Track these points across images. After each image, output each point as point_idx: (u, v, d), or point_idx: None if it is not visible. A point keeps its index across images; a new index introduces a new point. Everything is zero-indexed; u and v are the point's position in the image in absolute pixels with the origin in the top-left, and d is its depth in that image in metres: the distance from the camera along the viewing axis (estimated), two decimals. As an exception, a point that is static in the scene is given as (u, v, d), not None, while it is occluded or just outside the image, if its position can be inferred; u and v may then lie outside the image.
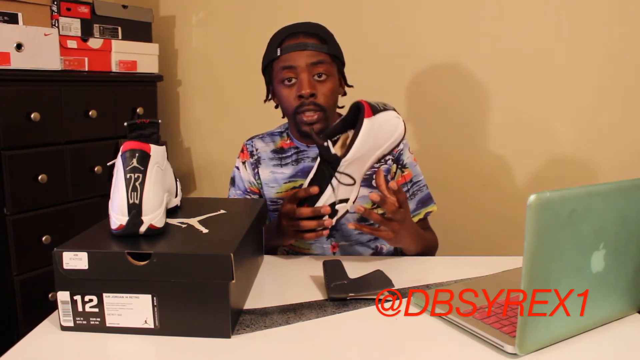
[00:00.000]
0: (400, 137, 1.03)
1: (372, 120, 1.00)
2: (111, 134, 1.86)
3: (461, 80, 1.90)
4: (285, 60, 1.19)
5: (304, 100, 1.18)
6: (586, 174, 1.82)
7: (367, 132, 1.00)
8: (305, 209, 1.03)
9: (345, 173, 1.02)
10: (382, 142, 1.02)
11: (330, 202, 1.03)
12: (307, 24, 1.24)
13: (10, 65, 1.55)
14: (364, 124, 1.00)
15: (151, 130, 0.92)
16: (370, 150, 1.02)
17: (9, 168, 1.55)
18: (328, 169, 1.02)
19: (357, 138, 1.00)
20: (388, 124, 1.02)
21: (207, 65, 2.21)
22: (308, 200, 1.04)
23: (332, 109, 1.23)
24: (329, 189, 1.02)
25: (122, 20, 1.91)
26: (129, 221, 0.81)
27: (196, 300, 0.78)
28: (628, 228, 0.78)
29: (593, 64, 1.76)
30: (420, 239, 1.20)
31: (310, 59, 1.18)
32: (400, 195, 1.05)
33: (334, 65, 1.23)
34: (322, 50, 1.19)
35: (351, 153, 1.00)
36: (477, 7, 1.84)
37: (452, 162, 1.94)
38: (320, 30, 1.23)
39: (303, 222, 1.04)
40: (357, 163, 1.02)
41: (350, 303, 0.91)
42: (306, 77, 1.17)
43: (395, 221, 1.05)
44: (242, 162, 1.34)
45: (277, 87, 1.22)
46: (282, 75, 1.19)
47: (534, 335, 0.72)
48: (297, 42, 1.19)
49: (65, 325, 0.81)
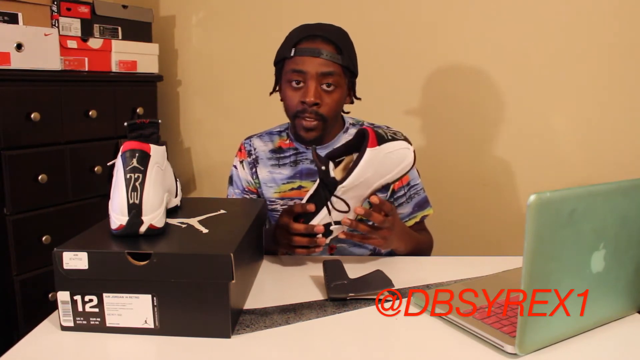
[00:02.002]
0: (407, 168, 1.02)
1: (375, 151, 0.99)
2: (111, 134, 1.86)
3: (461, 81, 1.90)
4: (297, 63, 1.17)
5: (306, 107, 1.17)
6: (586, 174, 1.82)
7: (368, 162, 0.99)
8: (298, 225, 1.03)
9: (342, 199, 1.00)
10: (385, 171, 1.01)
11: (325, 223, 1.02)
12: (329, 27, 1.20)
13: (10, 65, 1.55)
14: (365, 154, 0.98)
15: (151, 130, 0.92)
16: (371, 179, 1.00)
17: (9, 168, 1.55)
18: (325, 191, 1.01)
19: (357, 166, 0.98)
20: (395, 154, 1.00)
21: (207, 65, 2.21)
22: (304, 216, 1.04)
23: (334, 119, 1.22)
24: (324, 210, 1.02)
25: (122, 20, 1.91)
26: (129, 221, 0.81)
27: (196, 300, 0.78)
28: (628, 228, 0.78)
29: (593, 64, 1.76)
30: (412, 240, 1.20)
31: (321, 67, 1.15)
32: (385, 206, 1.04)
33: (344, 77, 1.20)
34: (336, 60, 1.17)
35: (349, 180, 0.99)
36: (476, 9, 1.84)
37: (452, 162, 1.94)
38: (339, 38, 1.19)
39: (296, 237, 1.04)
40: (356, 190, 1.00)
41: (350, 303, 0.91)
42: (313, 85, 1.16)
43: (384, 229, 1.05)
44: (240, 162, 1.34)
45: (284, 86, 1.22)
46: (290, 76, 1.18)
47: (534, 335, 0.72)
48: (312, 47, 1.16)
49: (65, 325, 0.81)
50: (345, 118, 1.32)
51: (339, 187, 0.99)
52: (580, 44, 1.76)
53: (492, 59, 1.85)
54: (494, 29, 1.83)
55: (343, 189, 0.99)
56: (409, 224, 1.29)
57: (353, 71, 1.22)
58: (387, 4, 1.93)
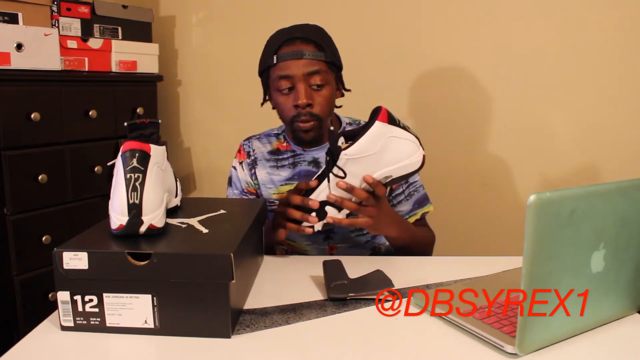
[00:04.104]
0: (415, 167, 1.01)
1: (384, 127, 0.99)
2: (111, 134, 1.86)
3: (461, 80, 1.89)
4: (282, 69, 1.17)
5: (300, 110, 1.17)
6: (586, 174, 1.82)
7: (375, 135, 0.99)
8: (295, 196, 1.05)
9: (342, 169, 1.01)
10: (391, 159, 1.00)
11: (323, 198, 1.03)
12: (304, 28, 1.21)
13: (10, 65, 1.55)
14: (374, 125, 0.99)
15: (151, 130, 0.92)
16: (375, 159, 1.00)
17: (9, 168, 1.55)
18: (330, 163, 1.02)
19: (364, 136, 0.99)
20: (402, 143, 1.00)
21: (207, 65, 2.21)
22: (306, 193, 1.05)
23: (328, 115, 1.22)
24: (324, 183, 1.03)
25: (122, 20, 1.91)
26: (129, 221, 0.81)
27: (196, 300, 0.78)
28: (628, 228, 0.78)
29: (593, 64, 1.76)
30: (405, 228, 1.18)
31: (306, 68, 1.16)
32: (378, 188, 1.02)
33: (330, 73, 1.21)
34: (319, 58, 1.17)
35: (352, 149, 1.00)
36: (477, 8, 1.84)
37: (451, 162, 1.94)
38: (317, 36, 1.20)
39: (290, 209, 1.05)
40: (358, 165, 1.01)
41: (350, 303, 0.91)
42: (303, 86, 1.16)
43: (369, 206, 1.04)
44: (239, 163, 1.34)
45: (274, 95, 1.22)
46: (278, 84, 1.18)
47: (534, 335, 0.72)
48: (293, 50, 1.16)
49: (65, 325, 0.81)
50: (342, 118, 1.32)
51: (342, 155, 1.00)
52: (580, 43, 1.76)
53: (492, 58, 1.85)
54: (494, 28, 1.83)
55: (346, 157, 1.00)
56: (409, 221, 1.28)
57: (338, 65, 1.23)
58: (387, 4, 1.93)
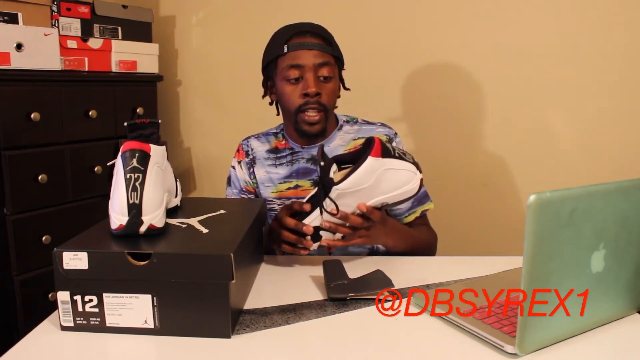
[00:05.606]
0: (410, 194, 1.01)
1: (377, 161, 0.97)
2: (111, 134, 1.86)
3: (460, 80, 1.90)
4: (292, 58, 1.19)
5: (308, 99, 1.18)
6: (586, 174, 1.82)
7: (367, 170, 0.97)
8: (289, 220, 1.04)
9: (334, 202, 0.99)
10: (385, 189, 0.99)
11: (316, 225, 1.02)
12: (311, 24, 1.25)
13: (10, 65, 1.55)
14: (366, 161, 0.97)
15: (151, 130, 0.92)
16: (369, 190, 0.99)
17: (9, 168, 1.55)
18: (322, 192, 1.00)
19: (355, 172, 0.97)
20: (398, 174, 0.99)
21: (207, 65, 2.21)
22: (299, 215, 1.04)
23: (332, 110, 1.24)
24: (317, 211, 1.02)
25: (122, 20, 1.91)
26: (129, 221, 0.81)
27: (196, 300, 0.78)
28: (628, 228, 0.78)
29: (593, 64, 1.76)
30: (405, 237, 1.19)
31: (316, 59, 1.19)
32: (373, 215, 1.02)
33: (336, 67, 1.25)
34: (328, 51, 1.21)
35: (344, 184, 0.98)
36: (475, 7, 1.84)
37: (451, 162, 1.94)
38: (323, 32, 1.24)
39: (285, 232, 1.05)
40: (350, 198, 0.99)
41: (350, 303, 0.91)
42: (312, 76, 1.19)
43: (361, 229, 1.05)
44: (238, 162, 1.35)
45: (280, 84, 1.23)
46: (287, 73, 1.20)
47: (534, 335, 0.72)
48: (304, 41, 1.20)
49: (65, 325, 0.81)
50: (339, 116, 1.33)
51: (334, 189, 0.98)
52: (580, 43, 1.76)
53: (492, 58, 1.85)
54: (495, 28, 1.83)
55: (337, 192, 0.98)
56: (409, 219, 1.29)
57: (342, 62, 1.27)
58: (385, 3, 1.93)
